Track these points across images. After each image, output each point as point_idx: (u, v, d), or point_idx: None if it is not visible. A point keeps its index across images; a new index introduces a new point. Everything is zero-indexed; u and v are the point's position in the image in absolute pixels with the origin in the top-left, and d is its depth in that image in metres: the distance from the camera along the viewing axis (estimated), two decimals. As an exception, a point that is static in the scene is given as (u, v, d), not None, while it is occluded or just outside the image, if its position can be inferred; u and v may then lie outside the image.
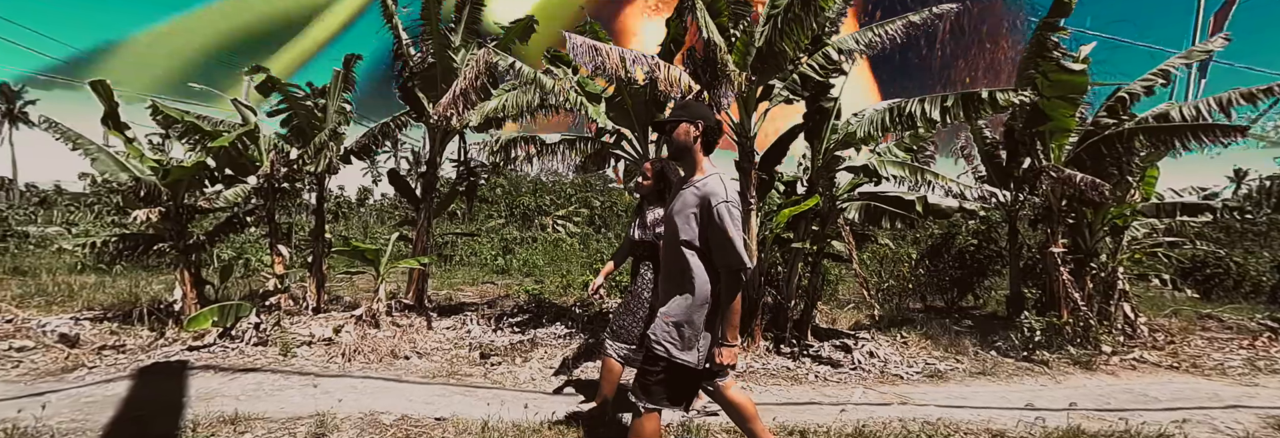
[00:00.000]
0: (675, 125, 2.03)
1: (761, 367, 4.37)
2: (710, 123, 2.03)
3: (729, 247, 1.87)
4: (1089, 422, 3.27)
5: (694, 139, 2.02)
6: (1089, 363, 4.68)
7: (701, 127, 2.01)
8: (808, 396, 3.76)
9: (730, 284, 1.91)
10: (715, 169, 2.03)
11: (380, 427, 2.76)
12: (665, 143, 2.06)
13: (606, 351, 2.87)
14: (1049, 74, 4.99)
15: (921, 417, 3.27)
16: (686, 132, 2.01)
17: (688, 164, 2.07)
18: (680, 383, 2.00)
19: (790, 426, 2.98)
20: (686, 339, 1.94)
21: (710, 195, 1.90)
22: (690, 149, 2.03)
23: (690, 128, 2.01)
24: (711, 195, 1.90)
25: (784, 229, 5.09)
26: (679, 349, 1.94)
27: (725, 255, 1.89)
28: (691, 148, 2.03)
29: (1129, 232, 5.90)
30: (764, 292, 5.02)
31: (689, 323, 1.94)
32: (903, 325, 5.68)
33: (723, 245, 1.89)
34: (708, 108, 2.11)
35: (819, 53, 4.66)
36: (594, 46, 3.80)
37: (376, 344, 4.30)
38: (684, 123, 2.02)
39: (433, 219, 6.17)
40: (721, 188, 1.91)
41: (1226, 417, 3.49)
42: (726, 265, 1.90)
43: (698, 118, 2.02)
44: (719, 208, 1.88)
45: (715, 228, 1.89)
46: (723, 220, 1.87)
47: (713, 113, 2.09)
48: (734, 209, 1.89)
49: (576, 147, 5.48)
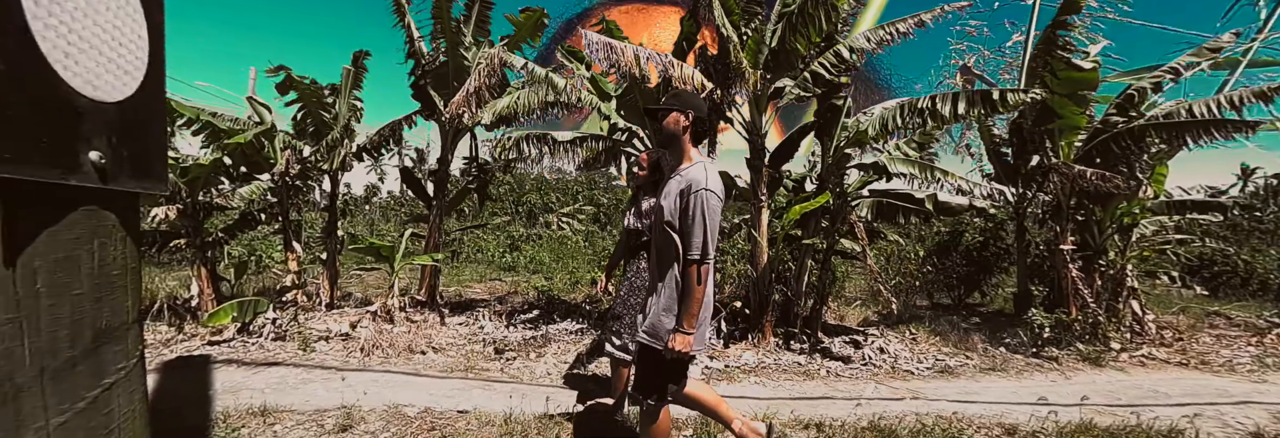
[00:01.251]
0: (666, 114, 2.07)
1: (773, 362, 4.41)
2: (700, 113, 2.06)
3: (694, 234, 1.90)
4: (1100, 417, 3.30)
5: (683, 129, 2.05)
6: (1098, 360, 4.72)
7: (691, 117, 2.05)
8: (821, 391, 3.80)
9: (687, 272, 1.92)
10: (702, 158, 2.06)
11: (405, 419, 2.81)
12: (655, 131, 2.10)
13: (608, 351, 2.88)
14: (1058, 71, 5.01)
15: (934, 412, 3.31)
16: (676, 121, 2.05)
17: (676, 152, 2.11)
18: (676, 370, 2.05)
19: (806, 420, 3.03)
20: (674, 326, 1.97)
21: (692, 182, 1.93)
22: (679, 138, 2.07)
23: (680, 117, 2.05)
24: (692, 182, 1.93)
25: (794, 226, 5.13)
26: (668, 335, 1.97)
27: (688, 242, 1.91)
28: (680, 137, 2.06)
29: (1138, 229, 5.92)
30: (774, 289, 5.06)
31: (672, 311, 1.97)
32: (911, 322, 5.72)
33: (688, 232, 1.91)
34: (700, 98, 2.14)
35: (830, 51, 4.69)
36: (609, 44, 3.84)
37: (393, 340, 4.35)
38: (675, 112, 2.05)
39: (444, 216, 6.22)
40: (703, 176, 1.93)
41: (1237, 412, 3.52)
42: (686, 252, 1.92)
43: (688, 108, 2.05)
44: (695, 195, 1.90)
45: (687, 214, 1.92)
46: (694, 207, 1.90)
47: (704, 104, 2.13)
48: (712, 199, 1.90)
49: (587, 144, 5.52)
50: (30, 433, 0.47)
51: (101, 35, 0.54)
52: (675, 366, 2.03)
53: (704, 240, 1.89)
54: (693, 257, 1.90)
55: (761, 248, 4.87)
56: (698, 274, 1.90)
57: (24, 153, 0.47)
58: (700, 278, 1.91)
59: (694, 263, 1.90)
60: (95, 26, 0.55)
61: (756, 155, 4.92)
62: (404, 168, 6.60)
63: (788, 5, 4.68)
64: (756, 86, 4.30)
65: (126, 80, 0.58)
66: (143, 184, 0.57)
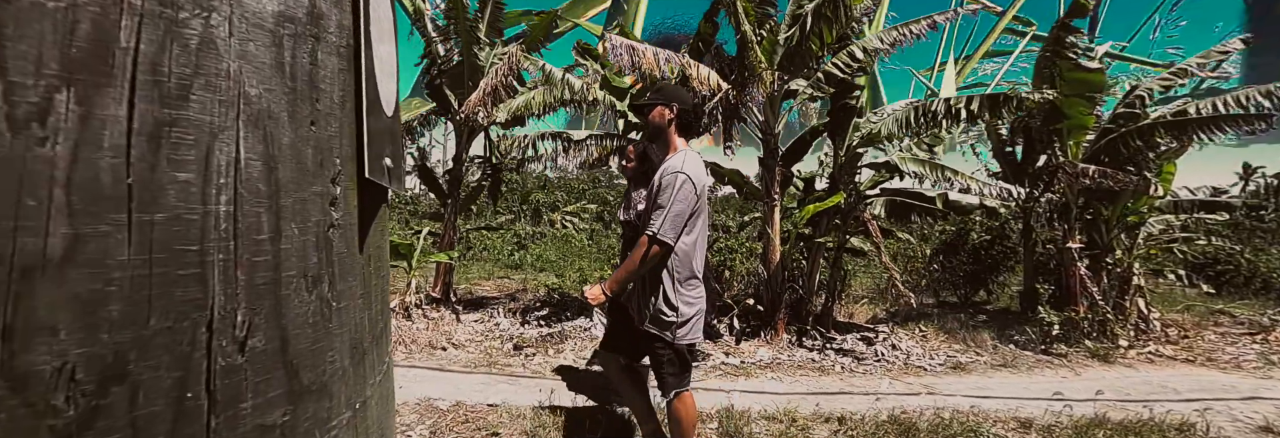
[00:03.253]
0: (651, 108, 2.12)
1: (788, 359, 4.49)
2: (685, 106, 2.11)
3: (659, 214, 1.93)
4: (1113, 412, 3.38)
5: (669, 121, 2.10)
6: (1107, 356, 4.79)
7: (676, 109, 2.10)
8: (837, 386, 3.87)
9: (640, 243, 1.95)
10: (686, 149, 2.11)
11: (438, 412, 2.88)
12: (643, 125, 2.16)
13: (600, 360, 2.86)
14: (1066, 72, 5.08)
15: (950, 406, 3.39)
16: (661, 114, 2.10)
17: (662, 145, 2.16)
18: (684, 358, 2.11)
19: (827, 413, 3.10)
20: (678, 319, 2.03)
21: (667, 168, 1.99)
22: (665, 130, 2.12)
23: (665, 110, 2.10)
24: (668, 167, 1.99)
25: (805, 224, 5.20)
26: (671, 329, 2.02)
27: (651, 221, 1.95)
28: (666, 129, 2.12)
29: (1145, 228, 6.00)
30: (787, 286, 5.13)
31: (670, 305, 2.02)
32: (919, 320, 5.80)
33: (652, 211, 1.96)
34: (684, 91, 2.19)
35: (843, 51, 4.75)
36: (632, 46, 3.91)
37: (414, 336, 4.42)
38: (659, 106, 2.10)
39: (458, 214, 6.28)
40: (680, 162, 1.99)
41: (1244, 407, 3.60)
42: (646, 228, 1.96)
43: (673, 100, 2.10)
44: (665, 178, 1.96)
45: (655, 195, 1.96)
46: (663, 189, 1.94)
47: (689, 96, 2.18)
48: (684, 183, 1.94)
49: (601, 143, 5.58)
50: (368, 389, 0.57)
51: (388, 60, 0.63)
52: (680, 354, 2.09)
53: (664, 220, 1.92)
54: (649, 231, 1.93)
55: (774, 246, 4.94)
56: (648, 252, 1.93)
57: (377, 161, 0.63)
58: (648, 255, 1.94)
59: (650, 239, 1.93)
60: (387, 55, 0.66)
61: (770, 155, 4.98)
62: (421, 166, 6.67)
63: (801, 6, 4.74)
64: (773, 86, 4.36)
65: (392, 98, 0.69)
66: (398, 186, 0.69)
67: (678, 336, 2.03)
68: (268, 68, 0.46)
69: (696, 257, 2.07)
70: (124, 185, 0.37)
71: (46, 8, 0.35)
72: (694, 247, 2.06)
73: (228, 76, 0.43)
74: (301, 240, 0.48)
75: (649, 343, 2.09)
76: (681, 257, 2.02)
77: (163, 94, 0.39)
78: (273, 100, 0.46)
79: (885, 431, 2.90)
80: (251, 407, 0.44)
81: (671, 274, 2.02)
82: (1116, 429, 3.05)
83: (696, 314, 2.06)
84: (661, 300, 2.02)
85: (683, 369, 2.10)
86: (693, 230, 2.03)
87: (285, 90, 0.47)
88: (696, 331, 2.06)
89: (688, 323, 2.04)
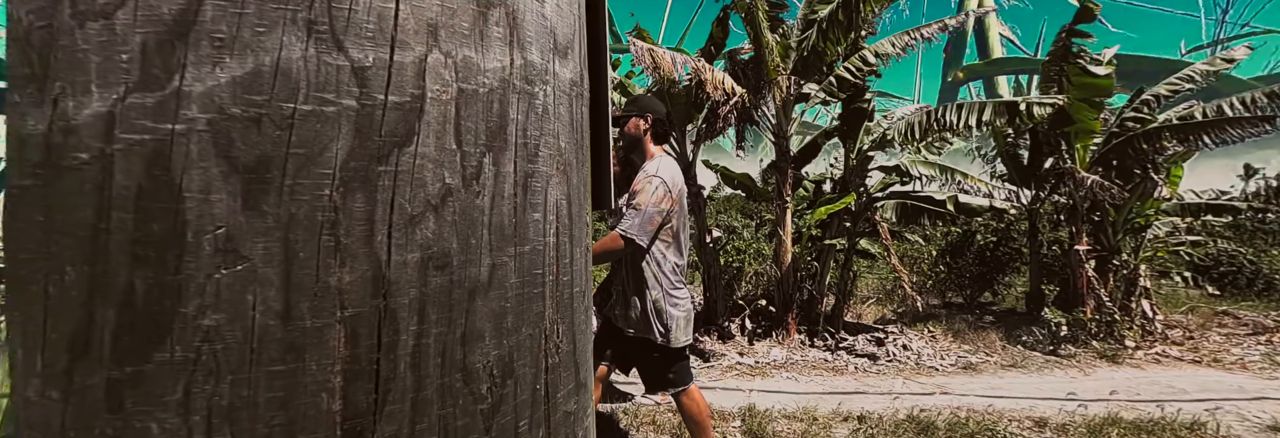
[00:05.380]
0: (626, 120, 2.18)
1: (801, 359, 4.55)
2: (659, 115, 2.19)
3: (631, 214, 1.97)
4: (1125, 411, 3.44)
5: (644, 131, 2.17)
6: (1115, 357, 4.86)
7: (650, 119, 2.17)
8: (852, 386, 3.93)
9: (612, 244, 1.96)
10: (662, 155, 2.17)
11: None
12: (620, 137, 2.24)
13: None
14: (1073, 77, 5.15)
15: (965, 405, 3.45)
16: (636, 125, 2.17)
17: (640, 154, 2.22)
18: (683, 357, 2.16)
19: (846, 412, 3.16)
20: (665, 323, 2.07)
21: (643, 172, 2.05)
22: (641, 140, 2.18)
23: (639, 121, 2.17)
24: (644, 172, 2.05)
25: (815, 226, 5.26)
26: (662, 334, 2.07)
27: (623, 220, 1.99)
28: (642, 139, 2.18)
29: (1151, 230, 6.07)
30: (798, 287, 5.19)
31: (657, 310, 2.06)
32: (927, 321, 5.86)
33: (622, 213, 2.01)
34: (656, 102, 2.25)
35: (856, 55, 4.82)
36: (651, 50, 3.97)
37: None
38: (634, 117, 2.17)
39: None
40: (655, 167, 2.05)
41: (1253, 407, 3.66)
42: (619, 228, 1.98)
43: (647, 111, 2.18)
44: (640, 182, 2.01)
45: (631, 198, 2.00)
46: (638, 192, 1.99)
47: (661, 106, 2.24)
48: (658, 186, 1.99)
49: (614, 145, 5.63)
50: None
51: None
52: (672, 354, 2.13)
53: (635, 221, 1.95)
54: (619, 229, 1.96)
55: (786, 247, 5.00)
56: (611, 247, 1.96)
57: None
58: (611, 250, 1.97)
59: (618, 235, 1.96)
60: None
61: (781, 158, 5.04)
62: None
63: (814, 11, 4.81)
64: (787, 90, 4.42)
65: None
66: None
67: (671, 340, 2.07)
68: (567, 124, 0.58)
69: (680, 258, 2.13)
70: (512, 225, 0.51)
71: (479, 93, 0.48)
72: (676, 248, 2.11)
73: (554, 135, 0.56)
74: (583, 261, 0.62)
75: (644, 351, 2.13)
76: (663, 259, 2.07)
77: (527, 153, 0.52)
78: (570, 149, 0.59)
79: (904, 429, 2.96)
80: (562, 397, 0.57)
81: (656, 279, 2.06)
82: (1130, 428, 3.11)
83: (686, 315, 2.11)
84: (650, 307, 2.06)
85: (683, 368, 2.15)
86: (672, 232, 2.09)
87: (574, 140, 0.60)
88: (688, 331, 2.11)
89: (679, 325, 2.08)
